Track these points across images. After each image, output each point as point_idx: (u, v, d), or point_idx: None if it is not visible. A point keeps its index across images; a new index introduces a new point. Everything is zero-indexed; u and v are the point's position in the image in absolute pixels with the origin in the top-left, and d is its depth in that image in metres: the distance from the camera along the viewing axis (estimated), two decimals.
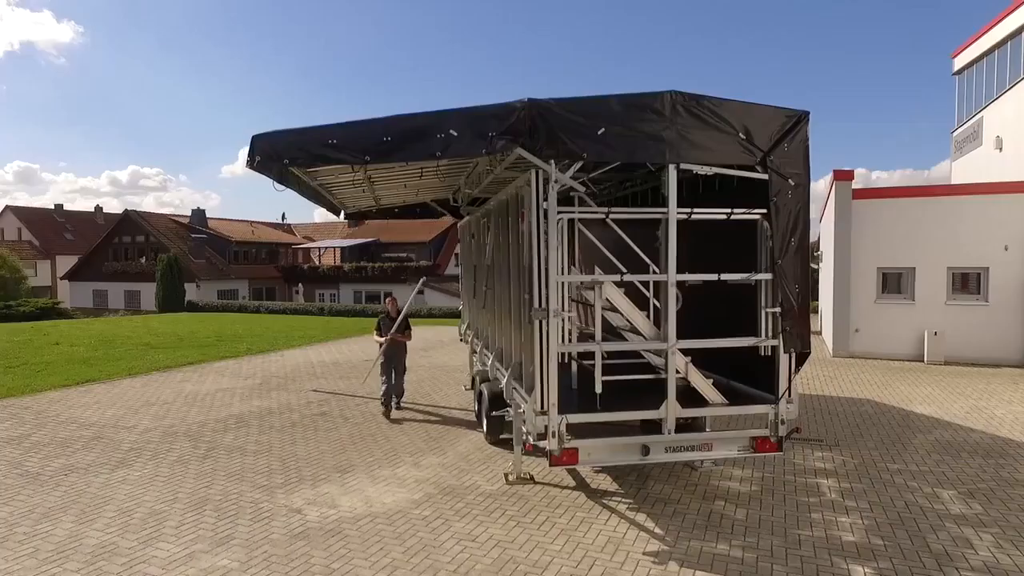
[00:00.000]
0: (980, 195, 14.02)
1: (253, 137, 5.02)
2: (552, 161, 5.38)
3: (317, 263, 49.42)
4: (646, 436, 5.83)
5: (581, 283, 5.76)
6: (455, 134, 5.21)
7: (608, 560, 5.15)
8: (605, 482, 6.95)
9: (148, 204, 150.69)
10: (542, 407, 5.55)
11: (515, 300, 6.67)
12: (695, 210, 5.76)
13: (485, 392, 8.44)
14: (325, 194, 8.91)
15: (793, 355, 5.89)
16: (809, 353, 5.94)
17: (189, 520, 5.99)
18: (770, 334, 5.89)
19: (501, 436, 8.40)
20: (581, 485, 6.87)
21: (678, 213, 5.68)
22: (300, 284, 46.37)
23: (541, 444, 5.83)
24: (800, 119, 5.77)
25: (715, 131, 5.63)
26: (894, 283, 14.78)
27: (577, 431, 5.70)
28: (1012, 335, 13.83)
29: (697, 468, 7.18)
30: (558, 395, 5.54)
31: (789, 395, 5.89)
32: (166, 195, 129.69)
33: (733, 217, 5.89)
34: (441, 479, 7.09)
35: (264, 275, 47.83)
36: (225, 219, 51.19)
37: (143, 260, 44.28)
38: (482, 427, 8.74)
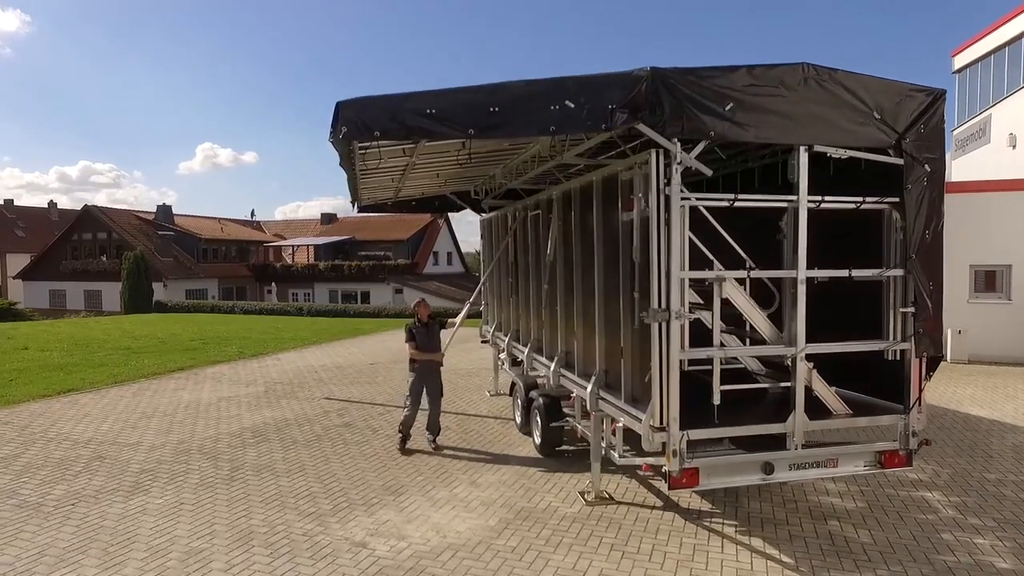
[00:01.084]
0: (1004, 192, 13.87)
1: (339, 104, 4.17)
2: (676, 140, 4.68)
3: (290, 261, 47.77)
4: (769, 452, 5.17)
5: (706, 280, 5.05)
6: (571, 106, 4.46)
7: None
8: (694, 500, 6.28)
9: (100, 201, 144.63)
10: (661, 422, 4.84)
11: (603, 299, 5.95)
12: (825, 198, 5.12)
13: (540, 401, 7.70)
14: (358, 181, 8.03)
15: (924, 360, 5.32)
16: (942, 357, 5.38)
17: (238, 560, 5.10)
18: (899, 336, 5.31)
19: (558, 448, 7.69)
20: (670, 504, 6.19)
21: (808, 201, 5.04)
22: (273, 283, 44.69)
23: (652, 462, 5.14)
24: (937, 97, 5.20)
25: (849, 109, 5.01)
26: None
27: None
28: None
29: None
30: (679, 408, 4.84)
31: (920, 404, 5.32)
32: (119, 192, 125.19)
33: (823, 205, 5.19)
34: (509, 500, 6.32)
35: (234, 274, 46.01)
36: (192, 216, 49.11)
37: (104, 258, 42.04)
38: (533, 438, 8.00)
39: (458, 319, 8.98)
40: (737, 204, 5.06)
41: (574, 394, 6.79)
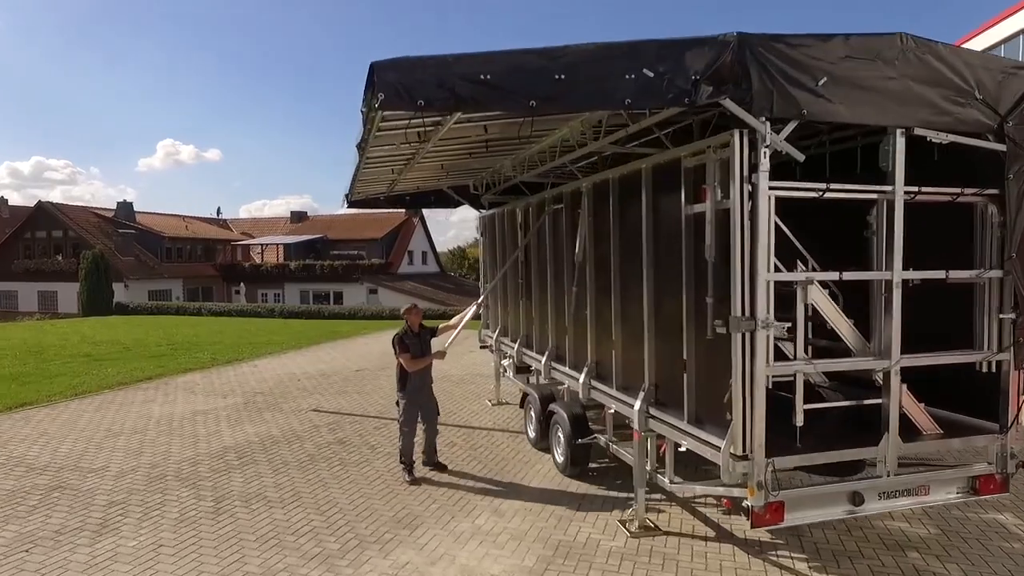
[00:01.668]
0: None
1: (375, 66, 3.34)
2: (765, 119, 3.98)
3: (259, 261, 46.14)
4: (859, 480, 4.52)
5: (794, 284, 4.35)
6: (650, 75, 3.72)
7: None
8: (747, 526, 5.60)
9: (55, 198, 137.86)
10: (744, 449, 4.13)
11: (653, 305, 5.22)
12: (922, 189, 4.48)
13: (563, 415, 6.95)
14: (359, 172, 7.18)
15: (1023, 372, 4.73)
16: None
17: None
18: (996, 346, 4.70)
19: (586, 467, 6.96)
20: (723, 534, 5.51)
21: (904, 192, 4.39)
22: (241, 283, 43.00)
23: (724, 492, 4.44)
24: None
25: (948, 87, 4.38)
26: None
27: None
28: None
29: None
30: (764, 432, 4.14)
31: (1020, 422, 4.72)
32: (75, 189, 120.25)
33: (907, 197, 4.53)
34: (543, 532, 5.56)
35: (200, 274, 44.22)
36: (155, 213, 47.05)
37: (60, 257, 39.86)
38: (554, 456, 7.25)
39: (460, 318, 8.01)
40: (807, 195, 4.39)
41: (611, 409, 6.07)
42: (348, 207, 10.96)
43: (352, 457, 7.73)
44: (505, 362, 10.31)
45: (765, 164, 4.01)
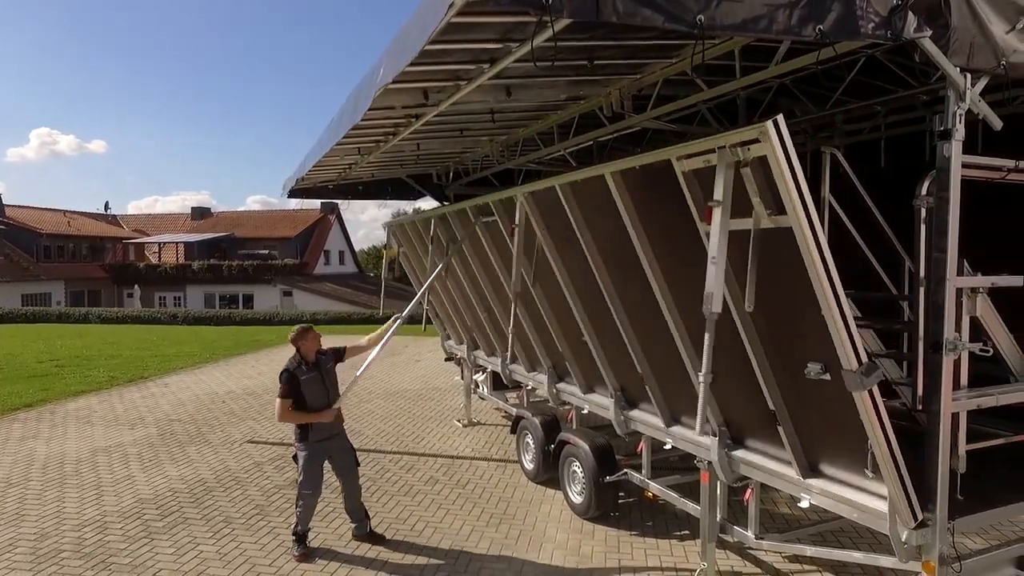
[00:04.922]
0: None
1: None
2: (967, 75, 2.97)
3: (156, 261, 41.82)
4: None
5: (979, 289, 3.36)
6: None
7: None
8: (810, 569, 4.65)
9: None
10: (921, 515, 3.09)
11: (763, 316, 4.12)
12: None
13: (584, 447, 5.77)
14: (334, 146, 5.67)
15: None
16: None
17: None
18: None
19: (615, 509, 5.81)
20: None
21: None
22: (136, 286, 38.75)
23: (892, 564, 3.39)
24: None
25: None
26: None
27: None
28: None
29: None
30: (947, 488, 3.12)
31: None
32: None
33: None
34: None
35: (86, 275, 39.49)
36: (30, 207, 41.57)
37: None
38: (568, 495, 6.05)
39: (380, 336, 5.75)
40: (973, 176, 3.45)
41: (668, 445, 4.94)
42: (289, 197, 9.32)
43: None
44: (479, 377, 9.03)
45: (960, 131, 2.99)
